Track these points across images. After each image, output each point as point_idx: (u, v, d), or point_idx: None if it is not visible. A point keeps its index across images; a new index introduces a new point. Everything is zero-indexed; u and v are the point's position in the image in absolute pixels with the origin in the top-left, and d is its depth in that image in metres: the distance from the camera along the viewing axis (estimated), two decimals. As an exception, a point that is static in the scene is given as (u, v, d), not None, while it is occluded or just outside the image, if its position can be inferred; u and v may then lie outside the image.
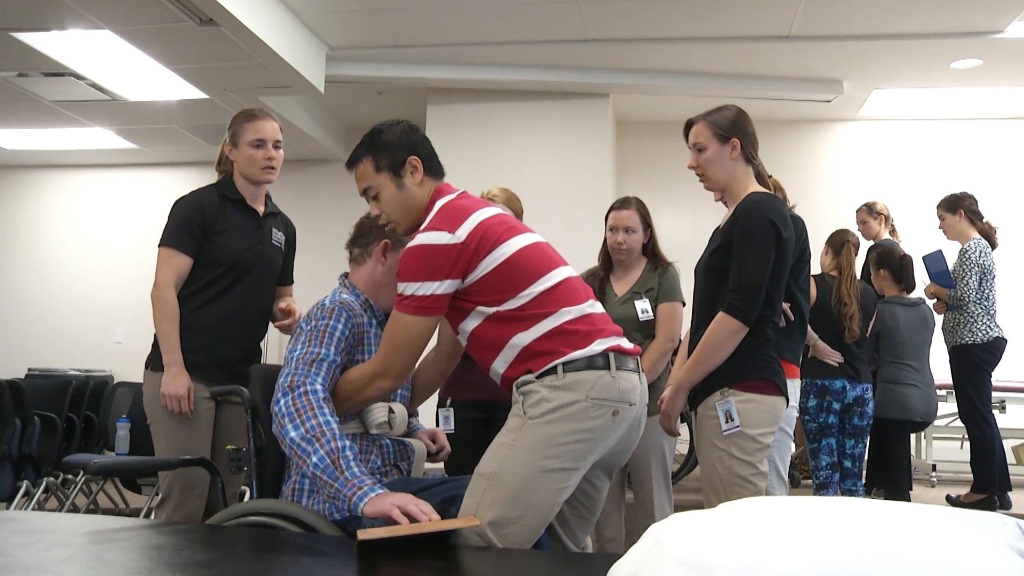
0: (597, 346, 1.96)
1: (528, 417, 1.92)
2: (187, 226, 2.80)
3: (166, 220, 2.86)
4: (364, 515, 1.82)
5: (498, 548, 1.85)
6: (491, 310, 1.99)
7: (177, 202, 2.89)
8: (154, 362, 2.81)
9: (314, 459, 1.90)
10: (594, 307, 2.06)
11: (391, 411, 2.23)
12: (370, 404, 2.18)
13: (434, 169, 2.17)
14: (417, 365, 2.43)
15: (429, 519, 1.78)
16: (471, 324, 2.03)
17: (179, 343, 2.74)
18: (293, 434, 1.95)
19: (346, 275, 2.40)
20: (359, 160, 2.15)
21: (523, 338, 1.97)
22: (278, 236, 3.01)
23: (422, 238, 1.99)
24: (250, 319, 2.92)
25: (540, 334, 1.97)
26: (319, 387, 2.03)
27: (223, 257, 2.83)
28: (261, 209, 2.97)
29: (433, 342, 2.33)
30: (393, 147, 2.13)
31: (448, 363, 2.43)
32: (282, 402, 2.01)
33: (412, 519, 1.78)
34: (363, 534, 1.71)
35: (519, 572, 1.77)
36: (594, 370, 1.93)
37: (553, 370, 1.93)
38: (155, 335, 2.81)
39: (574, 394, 1.91)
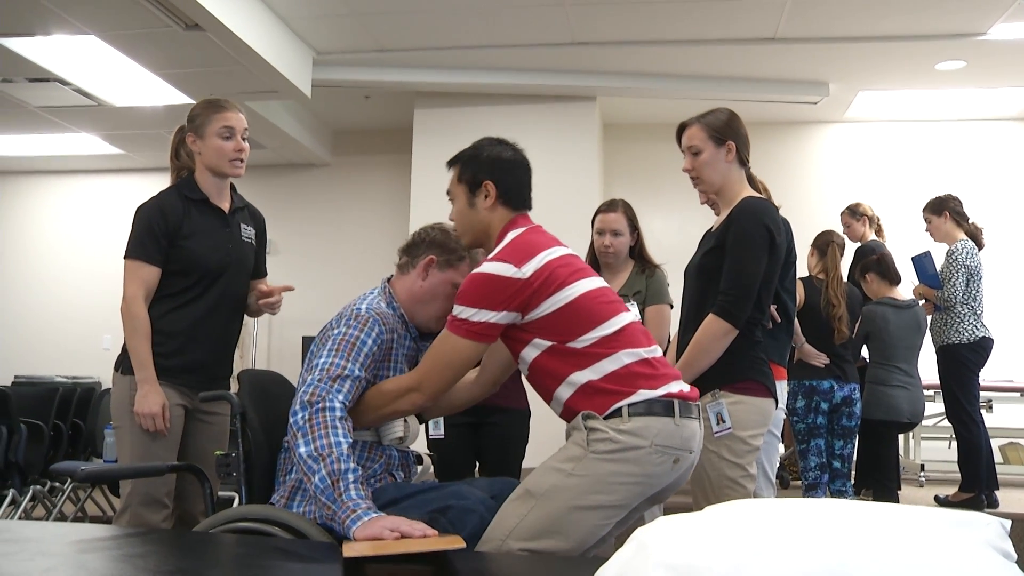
0: (662, 391, 1.96)
1: (591, 451, 1.92)
2: (151, 234, 2.70)
3: (130, 229, 2.75)
4: (355, 538, 1.81)
5: (484, 553, 1.85)
6: (548, 343, 2.00)
7: (138, 209, 2.76)
8: (123, 365, 2.74)
9: (315, 479, 1.91)
10: (654, 352, 2.05)
11: (406, 423, 2.23)
12: (400, 417, 2.17)
13: (512, 201, 2.19)
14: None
15: (424, 535, 1.77)
16: (531, 354, 2.03)
17: (151, 358, 2.66)
18: (303, 450, 1.95)
19: (390, 279, 2.38)
20: (454, 164, 2.25)
21: (582, 376, 1.97)
22: (247, 231, 2.90)
23: (488, 267, 2.00)
24: (223, 320, 2.82)
25: (601, 374, 1.96)
26: (338, 404, 2.02)
27: (194, 263, 2.73)
28: (226, 206, 2.85)
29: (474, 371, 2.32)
30: (479, 166, 2.19)
31: (483, 392, 2.39)
32: (299, 415, 2.01)
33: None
34: (348, 550, 1.69)
35: (502, 575, 1.77)
36: (658, 416, 1.94)
37: (618, 412, 1.93)
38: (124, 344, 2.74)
39: (640, 439, 1.91)
